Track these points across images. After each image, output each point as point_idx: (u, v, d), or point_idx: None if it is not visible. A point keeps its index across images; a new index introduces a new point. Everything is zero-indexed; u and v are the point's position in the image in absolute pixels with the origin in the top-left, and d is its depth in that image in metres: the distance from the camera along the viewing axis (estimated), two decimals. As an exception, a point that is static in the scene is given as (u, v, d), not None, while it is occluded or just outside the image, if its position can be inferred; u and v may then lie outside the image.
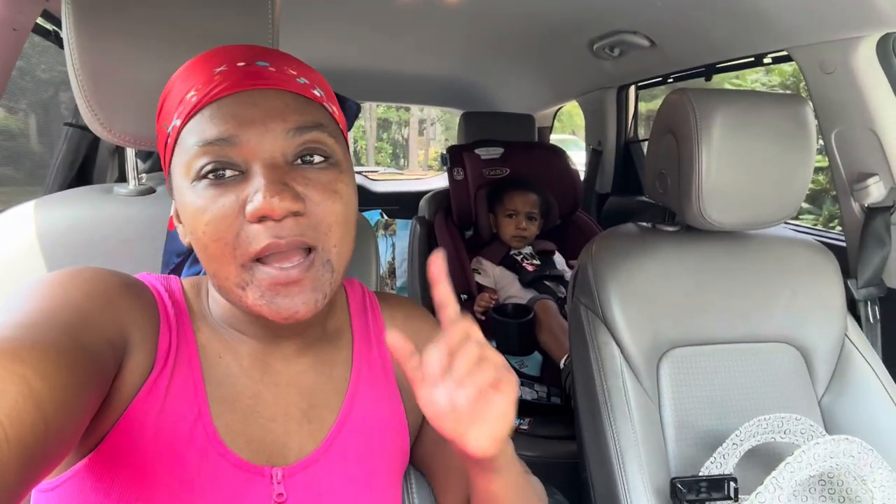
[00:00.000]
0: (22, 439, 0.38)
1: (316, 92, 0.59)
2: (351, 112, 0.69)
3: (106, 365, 0.50)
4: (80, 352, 0.46)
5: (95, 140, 1.74)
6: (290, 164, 0.54)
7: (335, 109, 0.61)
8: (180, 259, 0.78)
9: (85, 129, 1.65)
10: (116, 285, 0.56)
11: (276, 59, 0.58)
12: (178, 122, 0.56)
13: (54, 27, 1.41)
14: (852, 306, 1.32)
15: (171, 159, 0.58)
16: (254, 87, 0.55)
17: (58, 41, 1.42)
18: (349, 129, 0.71)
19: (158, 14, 0.79)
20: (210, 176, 0.53)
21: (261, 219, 0.51)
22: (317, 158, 0.56)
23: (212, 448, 0.57)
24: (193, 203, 0.53)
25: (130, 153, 0.91)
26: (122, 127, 0.81)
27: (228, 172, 0.53)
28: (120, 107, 0.80)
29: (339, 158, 0.58)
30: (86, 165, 1.73)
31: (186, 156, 0.54)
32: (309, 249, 0.54)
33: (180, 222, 0.60)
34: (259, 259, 0.53)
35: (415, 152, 16.15)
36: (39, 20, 1.28)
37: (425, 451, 0.75)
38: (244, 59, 0.56)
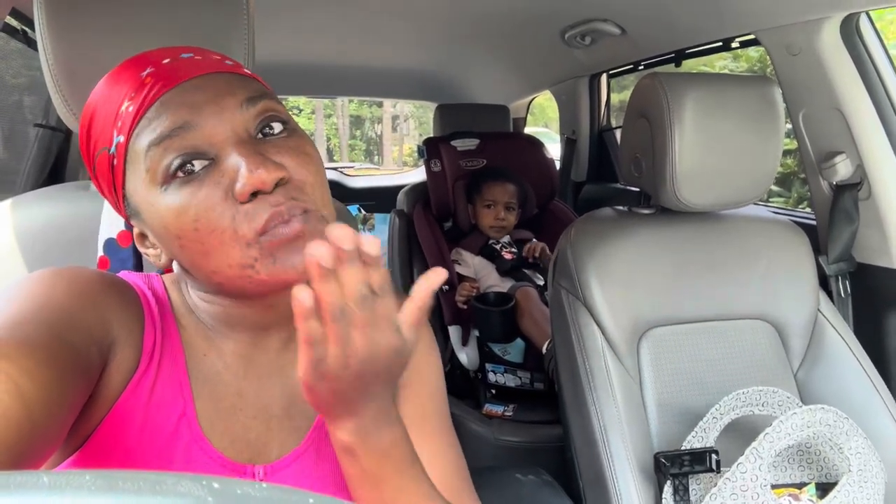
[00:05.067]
0: (7, 437, 0.38)
1: (246, 70, 0.59)
2: None
3: (91, 363, 0.50)
4: (65, 350, 0.46)
5: (66, 140, 1.71)
6: (256, 140, 0.54)
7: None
8: None
9: (55, 129, 1.63)
10: (100, 283, 0.55)
11: (199, 50, 0.58)
12: (121, 139, 0.53)
13: (23, 26, 1.39)
14: (824, 282, 1.35)
15: (123, 182, 0.55)
16: (191, 76, 0.54)
17: (26, 40, 1.40)
18: None
19: (134, 6, 0.78)
20: (180, 174, 0.51)
21: (251, 196, 0.50)
22: (277, 127, 0.55)
23: (196, 446, 0.57)
24: (172, 205, 0.51)
25: (106, 149, 0.90)
26: (98, 121, 0.81)
27: (198, 164, 0.51)
28: None
29: (295, 125, 0.57)
30: (57, 167, 1.70)
31: (146, 164, 0.52)
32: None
33: (148, 245, 0.58)
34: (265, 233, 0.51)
35: (389, 149, 16.10)
36: (8, 19, 1.26)
37: None
38: (167, 57, 0.55)
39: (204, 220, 0.50)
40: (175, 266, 0.62)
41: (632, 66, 2.18)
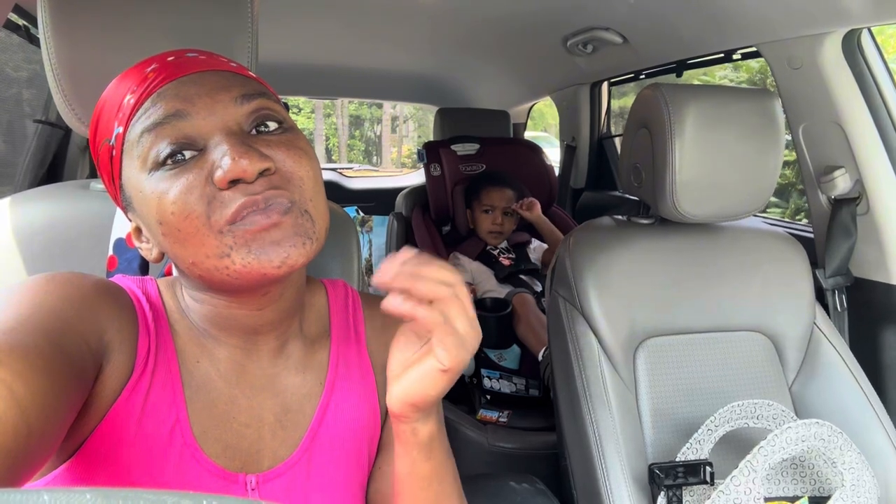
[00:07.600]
0: (4, 443, 0.38)
1: (249, 73, 0.60)
2: None
3: (86, 368, 0.49)
4: (60, 355, 0.46)
5: (65, 137, 1.71)
6: (247, 134, 0.54)
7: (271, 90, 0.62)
8: None
9: (55, 125, 1.63)
10: (93, 289, 0.55)
11: (204, 52, 0.59)
12: (120, 129, 0.54)
13: (25, 22, 1.38)
14: (820, 295, 1.35)
15: (120, 171, 0.55)
16: (191, 72, 0.55)
17: (28, 36, 1.40)
18: None
19: (136, 6, 0.78)
20: (169, 162, 0.51)
21: (231, 183, 0.50)
22: (272, 125, 0.55)
23: (188, 454, 0.57)
24: (155, 189, 0.51)
25: (107, 148, 0.90)
26: (99, 121, 0.80)
27: (188, 154, 0.51)
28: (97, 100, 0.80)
29: (292, 125, 0.57)
30: (56, 163, 1.70)
31: (139, 150, 0.53)
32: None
33: (143, 240, 0.58)
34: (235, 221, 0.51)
35: (388, 150, 16.10)
36: (10, 14, 1.26)
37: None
38: (173, 55, 0.57)
39: (180, 203, 0.50)
40: (173, 267, 0.62)
41: (633, 74, 2.19)
